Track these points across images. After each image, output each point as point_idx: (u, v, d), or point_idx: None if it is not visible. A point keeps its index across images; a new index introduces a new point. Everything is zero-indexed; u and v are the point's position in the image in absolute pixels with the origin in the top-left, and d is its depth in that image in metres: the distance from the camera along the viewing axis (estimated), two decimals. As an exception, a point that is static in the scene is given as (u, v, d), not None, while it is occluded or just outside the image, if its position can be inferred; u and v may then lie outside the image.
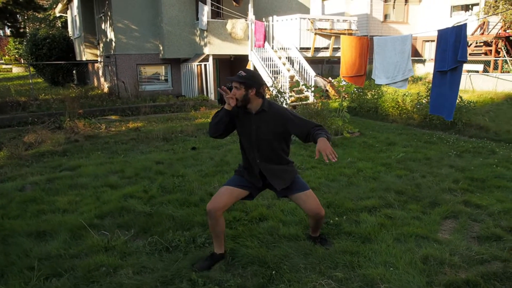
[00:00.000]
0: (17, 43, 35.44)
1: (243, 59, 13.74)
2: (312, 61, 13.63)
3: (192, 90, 13.94)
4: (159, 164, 5.92)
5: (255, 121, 2.92)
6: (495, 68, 14.26)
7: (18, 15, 12.78)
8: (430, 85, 9.72)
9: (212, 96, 13.34)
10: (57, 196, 4.62)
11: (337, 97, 11.59)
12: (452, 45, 4.53)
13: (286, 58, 13.10)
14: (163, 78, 14.94)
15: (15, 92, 13.65)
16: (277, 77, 12.23)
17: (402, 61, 5.60)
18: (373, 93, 9.91)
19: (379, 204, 4.09)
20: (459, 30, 4.49)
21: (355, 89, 9.36)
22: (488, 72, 13.88)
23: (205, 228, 3.70)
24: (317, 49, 13.32)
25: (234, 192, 3.03)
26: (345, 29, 13.52)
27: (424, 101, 8.62)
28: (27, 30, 16.52)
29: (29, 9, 12.20)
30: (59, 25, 27.18)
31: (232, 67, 15.31)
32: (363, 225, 3.61)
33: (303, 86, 10.88)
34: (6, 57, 44.38)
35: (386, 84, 6.23)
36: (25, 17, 17.75)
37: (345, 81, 7.33)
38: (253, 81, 2.80)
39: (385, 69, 5.92)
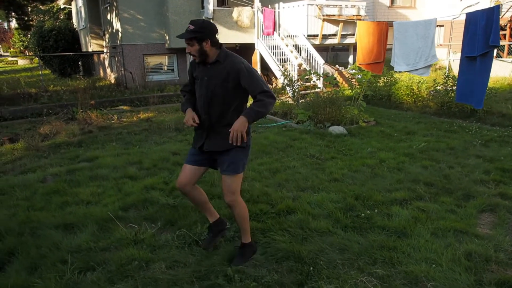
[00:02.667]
0: (22, 35, 35.33)
1: (249, 47, 13.56)
2: (317, 49, 13.43)
3: (199, 79, 13.79)
4: (176, 155, 5.86)
5: (208, 72, 2.71)
6: (510, 53, 13.99)
7: (25, 7, 12.60)
8: (446, 71, 9.59)
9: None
10: (79, 187, 4.58)
11: (345, 86, 11.44)
12: (482, 29, 4.35)
13: (293, 45, 12.90)
14: (169, 68, 14.79)
15: (25, 84, 13.57)
16: (284, 65, 12.07)
17: (425, 46, 5.44)
18: (385, 80, 9.74)
19: (410, 197, 4.01)
20: (491, 13, 4.32)
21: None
22: (501, 57, 13.63)
23: (232, 221, 3.64)
24: (324, 36, 13.10)
25: (192, 169, 2.94)
26: (353, 15, 13.29)
27: (440, 88, 8.47)
28: (32, 23, 16.33)
29: (37, 1, 12.03)
30: (62, 16, 26.96)
31: (239, 56, 15.11)
32: (396, 219, 3.53)
33: (314, 75, 10.74)
34: (12, 49, 44.26)
35: (407, 71, 6.09)
36: (29, 10, 17.59)
37: (361, 68, 7.18)
38: (205, 32, 2.59)
39: (405, 56, 5.77)
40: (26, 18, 12.73)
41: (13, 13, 12.58)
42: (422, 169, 4.83)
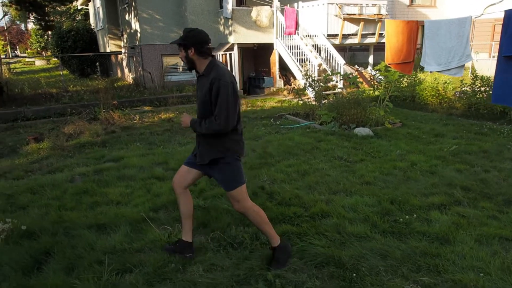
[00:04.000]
0: (39, 37, 36.01)
1: (267, 47, 13.49)
2: (335, 49, 13.25)
3: (217, 80, 13.76)
4: (201, 156, 5.81)
5: (198, 83, 2.83)
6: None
7: (46, 8, 12.77)
8: (476, 71, 9.32)
9: (237, 86, 13.15)
10: (107, 188, 4.57)
11: (366, 86, 11.27)
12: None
13: (312, 45, 12.78)
14: (187, 68, 14.81)
15: (45, 84, 13.76)
16: (303, 66, 11.96)
17: (459, 45, 5.28)
18: (409, 81, 9.56)
19: (447, 201, 3.88)
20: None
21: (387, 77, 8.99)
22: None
23: (266, 223, 3.58)
24: (345, 36, 12.95)
25: (186, 170, 3.01)
26: (374, 14, 13.10)
27: (467, 89, 8.25)
28: (53, 23, 16.53)
29: (57, 1, 12.19)
30: (79, 18, 27.33)
31: (255, 56, 15.07)
32: (436, 225, 3.42)
33: (336, 75, 10.61)
34: (29, 50, 45.14)
35: (438, 72, 5.93)
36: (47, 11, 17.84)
37: (387, 68, 7.03)
38: (189, 40, 2.65)
39: (436, 55, 5.62)
40: (47, 19, 12.88)
41: (34, 14, 12.74)
42: (456, 173, 4.69)
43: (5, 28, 41.12)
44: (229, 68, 13.27)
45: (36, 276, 2.87)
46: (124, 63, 16.95)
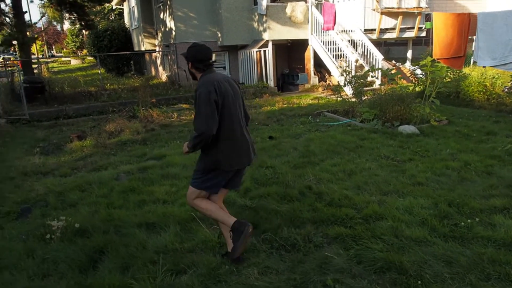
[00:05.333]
0: (74, 36, 37.28)
1: (301, 43, 13.29)
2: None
3: (251, 77, 13.72)
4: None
5: None
6: None
7: (85, 8, 13.12)
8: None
9: (271, 83, 13.05)
10: (152, 186, 4.59)
11: (404, 82, 10.87)
12: None
13: (348, 41, 12.46)
14: (221, 65, 14.83)
15: (83, 82, 14.15)
16: (339, 62, 11.69)
17: (518, 39, 4.95)
18: (453, 76, 9.11)
19: (511, 204, 3.63)
20: None
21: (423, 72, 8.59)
22: None
23: (317, 225, 3.47)
24: (382, 30, 12.57)
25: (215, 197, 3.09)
26: (414, 7, 12.64)
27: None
28: (93, 22, 17.02)
29: (95, 2, 12.49)
30: (113, 17, 27.98)
31: (289, 52, 14.89)
32: (501, 229, 3.19)
33: (376, 71, 10.31)
34: (65, 50, 46.84)
35: (493, 66, 5.60)
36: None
37: (434, 62, 6.71)
38: (188, 55, 2.85)
39: (491, 49, 5.29)
40: (87, 18, 13.23)
41: (74, 14, 13.11)
42: (516, 174, 4.40)
43: (43, 29, 42.84)
44: (263, 64, 13.19)
45: (92, 274, 2.90)
46: (159, 61, 17.20)
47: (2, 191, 4.74)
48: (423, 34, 13.52)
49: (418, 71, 10.83)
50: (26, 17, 13.65)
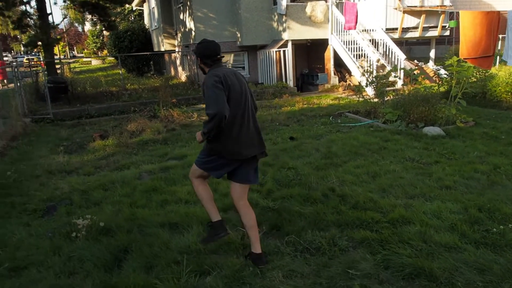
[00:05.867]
0: (95, 37, 38.04)
1: (320, 43, 13.17)
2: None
3: (270, 77, 13.67)
4: (263, 155, 5.71)
5: None
6: None
7: (107, 10, 13.33)
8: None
9: (291, 83, 12.97)
10: (174, 186, 4.60)
11: (426, 83, 10.62)
12: None
13: (369, 40, 12.27)
14: (240, 65, 14.84)
15: (105, 82, 14.37)
16: (359, 61, 11.52)
17: (550, 38, 4.75)
18: (479, 76, 8.86)
19: (546, 210, 3.48)
20: None
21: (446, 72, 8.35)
22: None
23: (342, 229, 3.40)
24: (404, 30, 12.32)
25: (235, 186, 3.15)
26: (437, 5, 12.33)
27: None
28: (115, 23, 17.32)
29: (117, 3, 12.68)
30: (132, 18, 28.39)
31: (309, 52, 14.78)
32: (537, 236, 3.06)
33: (398, 71, 10.11)
34: (86, 50, 47.86)
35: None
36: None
37: (459, 62, 6.52)
38: (196, 52, 2.93)
39: (522, 49, 5.11)
40: (109, 19, 13.44)
41: (97, 16, 13.34)
42: (550, 178, 4.22)
43: (64, 30, 43.82)
44: (282, 64, 13.13)
45: (117, 273, 2.91)
46: (178, 62, 17.34)
47: (29, 188, 4.84)
48: (447, 33, 13.20)
49: (442, 71, 10.58)
50: (50, 19, 13.93)
